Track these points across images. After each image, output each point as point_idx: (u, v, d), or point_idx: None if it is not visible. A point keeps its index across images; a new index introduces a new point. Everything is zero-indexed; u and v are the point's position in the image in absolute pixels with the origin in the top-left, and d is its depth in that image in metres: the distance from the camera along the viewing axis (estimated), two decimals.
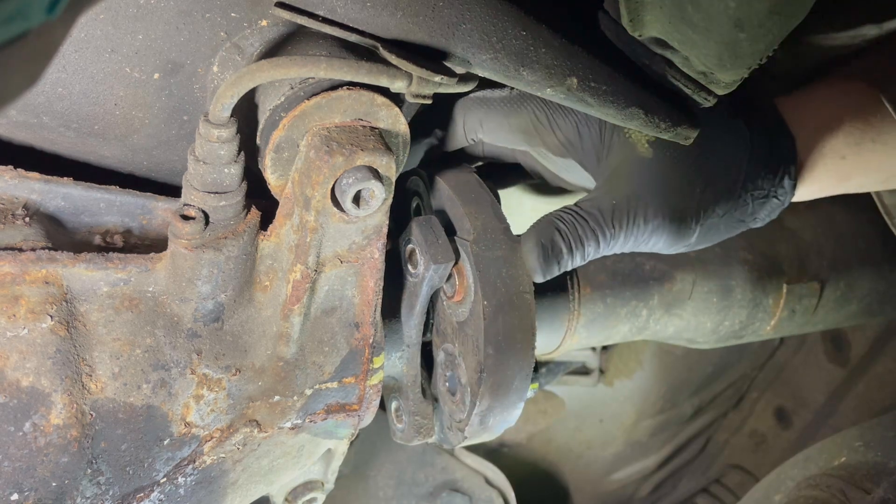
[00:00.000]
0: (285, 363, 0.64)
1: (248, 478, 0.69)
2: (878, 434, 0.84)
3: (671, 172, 0.70)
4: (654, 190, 0.69)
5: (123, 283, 0.57)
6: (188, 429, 0.61)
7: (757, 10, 0.53)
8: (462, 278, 0.71)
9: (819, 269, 1.07)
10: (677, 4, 0.56)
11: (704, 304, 0.99)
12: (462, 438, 0.74)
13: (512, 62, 0.60)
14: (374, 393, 0.71)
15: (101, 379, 0.57)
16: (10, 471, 0.53)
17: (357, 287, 0.64)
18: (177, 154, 0.65)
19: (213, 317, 0.60)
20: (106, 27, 0.56)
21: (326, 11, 0.55)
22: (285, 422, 0.66)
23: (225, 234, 0.58)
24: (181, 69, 0.59)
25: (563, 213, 0.70)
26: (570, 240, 0.68)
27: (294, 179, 0.59)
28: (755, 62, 0.60)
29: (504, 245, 0.71)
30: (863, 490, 0.77)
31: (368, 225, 0.61)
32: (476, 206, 0.72)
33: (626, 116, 0.66)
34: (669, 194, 0.70)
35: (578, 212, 0.70)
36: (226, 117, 0.54)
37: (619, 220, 0.69)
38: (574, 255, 0.69)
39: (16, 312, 0.54)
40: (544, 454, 1.61)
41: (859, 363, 1.55)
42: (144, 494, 0.60)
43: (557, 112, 0.74)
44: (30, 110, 0.59)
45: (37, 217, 0.59)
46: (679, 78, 0.65)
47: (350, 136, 0.58)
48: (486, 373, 0.69)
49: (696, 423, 1.71)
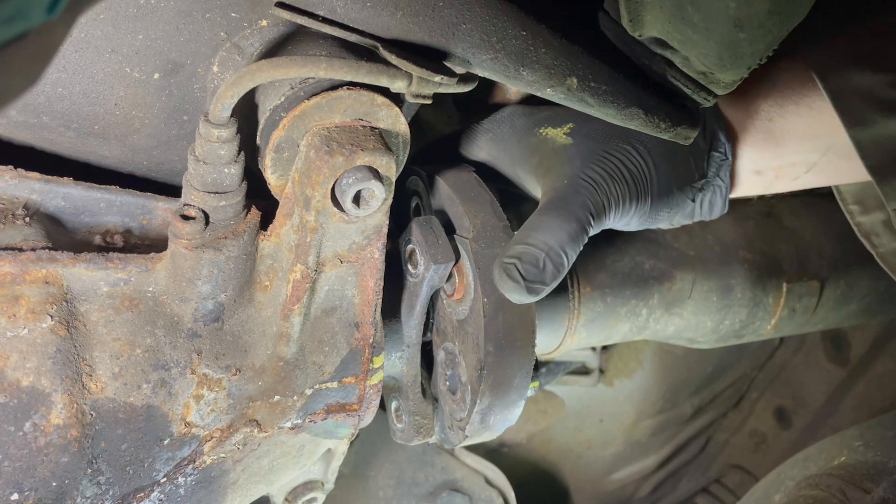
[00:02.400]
0: (285, 363, 0.64)
1: (248, 478, 0.69)
2: (877, 434, 0.84)
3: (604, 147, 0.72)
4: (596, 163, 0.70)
5: (123, 283, 0.57)
6: (188, 429, 0.61)
7: (757, 10, 0.53)
8: (462, 276, 0.71)
9: (819, 269, 1.07)
10: (677, 4, 0.56)
11: (704, 303, 0.99)
12: (463, 437, 0.74)
13: (512, 62, 0.60)
14: (374, 393, 0.71)
15: (102, 379, 0.57)
16: (10, 471, 0.53)
17: (357, 287, 0.64)
18: (177, 154, 0.65)
19: (214, 317, 0.60)
20: (106, 27, 0.56)
21: (326, 11, 0.55)
22: (285, 422, 0.66)
23: (225, 234, 0.58)
24: (181, 69, 0.59)
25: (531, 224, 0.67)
26: (547, 262, 0.64)
27: (294, 179, 0.59)
28: (755, 62, 0.60)
29: (504, 243, 0.71)
30: (862, 490, 0.77)
31: (368, 225, 0.61)
32: (475, 204, 0.72)
33: (626, 116, 0.66)
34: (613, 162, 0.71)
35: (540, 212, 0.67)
36: (226, 117, 0.54)
37: (586, 199, 0.68)
38: (559, 252, 0.65)
39: (16, 312, 0.54)
40: (544, 454, 1.61)
41: (859, 363, 1.55)
42: (144, 494, 0.60)
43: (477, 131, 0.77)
44: (30, 110, 0.59)
45: (37, 217, 0.59)
46: (679, 78, 0.65)
47: (350, 136, 0.58)
48: (487, 370, 0.69)
49: (696, 423, 1.71)
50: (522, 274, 0.63)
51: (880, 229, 0.89)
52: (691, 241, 1.01)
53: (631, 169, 0.72)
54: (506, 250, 0.65)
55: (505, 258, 0.64)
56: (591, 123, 0.73)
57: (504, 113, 0.80)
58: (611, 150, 0.72)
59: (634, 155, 0.72)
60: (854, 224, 0.90)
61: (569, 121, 0.75)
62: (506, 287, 0.63)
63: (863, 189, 0.89)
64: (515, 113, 0.79)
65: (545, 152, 0.74)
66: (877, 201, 0.88)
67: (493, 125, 0.79)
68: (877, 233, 0.89)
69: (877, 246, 0.89)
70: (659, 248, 0.98)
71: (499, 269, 0.64)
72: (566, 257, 0.65)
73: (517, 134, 0.77)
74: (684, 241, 1.00)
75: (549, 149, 0.74)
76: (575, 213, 0.66)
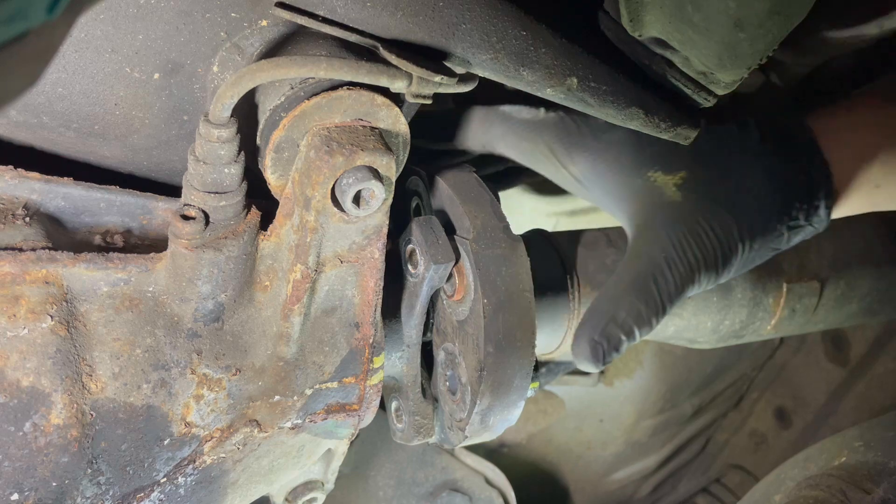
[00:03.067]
0: (285, 363, 0.64)
1: (248, 478, 0.69)
2: (878, 434, 0.84)
3: (707, 215, 0.69)
4: (695, 238, 0.68)
5: (123, 283, 0.57)
6: (188, 429, 0.61)
7: (757, 10, 0.53)
8: (462, 277, 0.71)
9: (819, 269, 1.07)
10: (677, 4, 0.56)
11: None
12: (463, 438, 0.74)
13: (512, 62, 0.60)
14: (374, 393, 0.71)
15: (102, 379, 0.57)
16: (10, 471, 0.53)
17: (357, 287, 0.64)
18: (177, 154, 0.65)
19: (214, 317, 0.60)
20: (106, 27, 0.56)
21: (326, 11, 0.55)
22: (285, 422, 0.66)
23: (225, 234, 0.58)
24: (181, 69, 0.59)
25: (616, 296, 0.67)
26: (630, 323, 0.66)
27: (294, 179, 0.59)
28: (755, 62, 0.60)
29: (504, 243, 0.71)
30: (863, 490, 0.77)
31: (368, 225, 0.61)
32: (476, 204, 0.72)
33: (626, 116, 0.66)
34: (710, 241, 0.68)
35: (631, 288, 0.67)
36: (226, 117, 0.54)
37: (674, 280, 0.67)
38: (637, 336, 0.68)
39: (16, 312, 0.54)
40: (544, 454, 1.61)
41: (859, 363, 1.55)
42: (144, 494, 0.60)
43: (576, 145, 0.72)
44: (30, 110, 0.59)
45: (37, 217, 0.59)
46: (679, 78, 0.65)
47: (350, 136, 0.58)
48: (487, 371, 0.69)
49: (696, 423, 1.71)
50: (605, 354, 0.66)
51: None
52: None
53: (726, 253, 0.69)
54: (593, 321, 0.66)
55: (597, 336, 0.66)
56: (703, 171, 0.70)
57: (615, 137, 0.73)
58: (714, 224, 0.68)
59: (734, 235, 0.69)
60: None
61: (682, 167, 0.71)
62: (584, 361, 0.66)
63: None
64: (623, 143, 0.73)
65: (648, 203, 0.70)
66: None
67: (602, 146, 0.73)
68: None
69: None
70: None
71: (589, 343, 0.66)
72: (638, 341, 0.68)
73: (624, 170, 0.72)
74: None
75: (654, 200, 0.70)
76: (664, 303, 0.67)
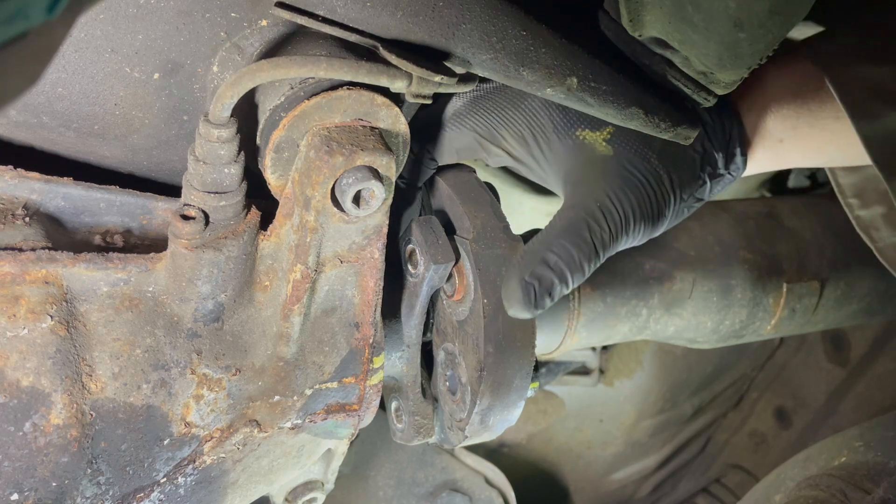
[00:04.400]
0: (285, 363, 0.64)
1: (248, 478, 0.69)
2: (878, 434, 0.84)
3: (639, 166, 0.69)
4: (630, 188, 0.68)
5: (123, 283, 0.57)
6: (188, 429, 0.61)
7: (757, 10, 0.53)
8: (462, 277, 0.71)
9: (819, 269, 1.07)
10: (677, 4, 0.56)
11: (705, 303, 0.99)
12: (463, 438, 0.74)
13: (512, 62, 0.60)
14: (374, 393, 0.71)
15: (101, 379, 0.57)
16: (10, 471, 0.53)
17: (357, 287, 0.64)
18: (177, 154, 0.65)
19: (213, 317, 0.60)
20: (106, 27, 0.56)
21: (326, 11, 0.55)
22: (285, 422, 0.66)
23: (225, 234, 0.58)
24: (181, 69, 0.59)
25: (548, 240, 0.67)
26: (561, 266, 0.65)
27: (294, 179, 0.59)
28: (755, 62, 0.60)
29: (504, 243, 0.71)
30: (863, 490, 0.77)
31: (368, 225, 0.61)
32: (475, 204, 0.72)
33: (626, 116, 0.66)
34: (643, 190, 0.69)
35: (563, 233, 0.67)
36: (226, 117, 0.54)
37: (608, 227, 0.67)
38: (570, 281, 0.66)
39: (16, 312, 0.54)
40: (544, 454, 1.61)
41: (859, 363, 1.55)
42: (144, 494, 0.60)
43: (502, 124, 0.73)
44: (30, 110, 0.59)
45: (37, 217, 0.59)
46: (679, 78, 0.65)
47: (350, 136, 0.58)
48: (487, 371, 0.69)
49: (696, 423, 1.71)
50: (536, 297, 0.64)
51: (880, 223, 0.88)
52: (691, 242, 1.01)
53: (660, 202, 0.70)
54: (524, 263, 0.65)
55: (527, 277, 0.64)
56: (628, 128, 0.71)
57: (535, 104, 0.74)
58: (647, 174, 0.69)
59: (666, 184, 0.70)
60: (853, 218, 0.89)
61: (607, 123, 0.71)
62: (516, 303, 0.64)
63: (862, 182, 0.88)
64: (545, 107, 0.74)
65: (581, 160, 0.71)
66: (876, 195, 0.87)
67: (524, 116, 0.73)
68: (876, 227, 0.89)
69: (876, 241, 0.89)
70: (659, 248, 0.98)
71: (520, 284, 0.64)
72: (571, 287, 0.66)
73: (552, 133, 0.72)
74: (684, 241, 1.00)
75: (585, 157, 0.70)
76: (597, 249, 0.66)
